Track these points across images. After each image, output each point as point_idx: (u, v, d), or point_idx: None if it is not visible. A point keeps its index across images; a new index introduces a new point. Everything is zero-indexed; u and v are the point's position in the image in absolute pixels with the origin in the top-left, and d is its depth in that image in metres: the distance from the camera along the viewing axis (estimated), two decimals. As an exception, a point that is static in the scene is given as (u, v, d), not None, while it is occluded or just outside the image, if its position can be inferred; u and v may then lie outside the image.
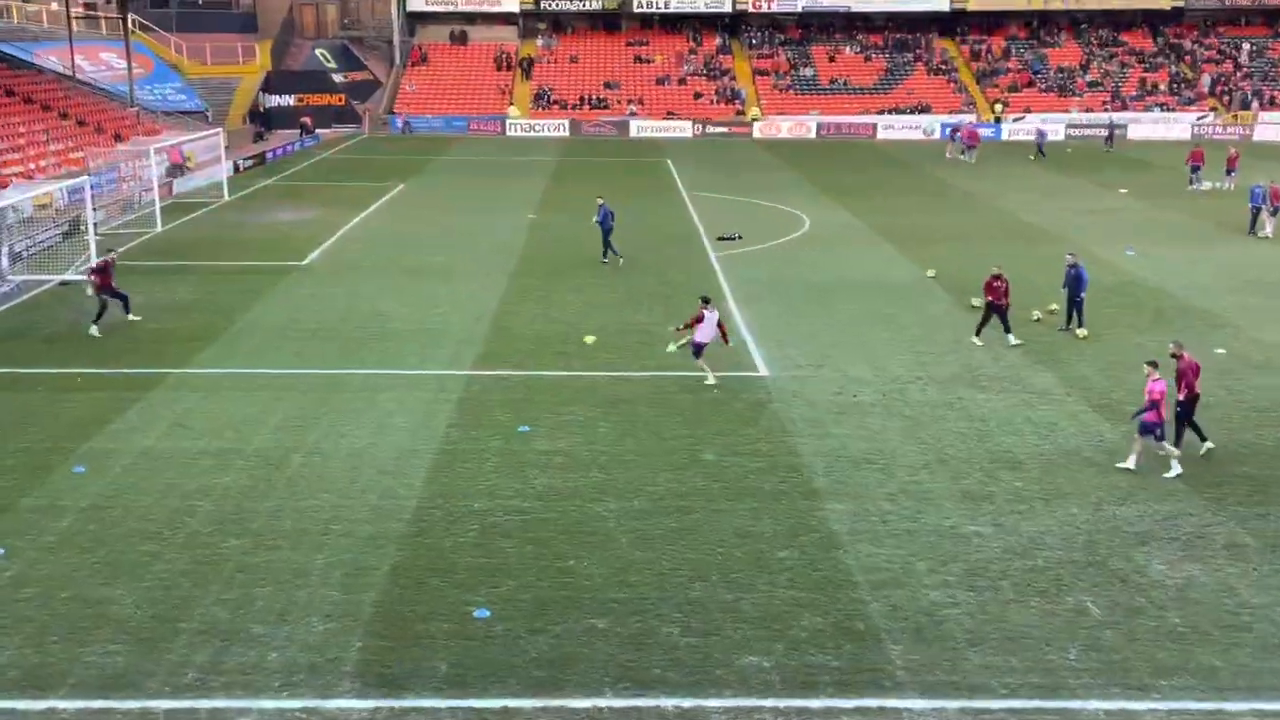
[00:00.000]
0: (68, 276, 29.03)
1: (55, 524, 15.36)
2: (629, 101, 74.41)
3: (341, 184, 49.24)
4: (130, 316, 25.47)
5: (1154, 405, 17.09)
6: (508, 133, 71.58)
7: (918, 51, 79.26)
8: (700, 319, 21.31)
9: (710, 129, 71.37)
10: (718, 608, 13.25)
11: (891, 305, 27.77)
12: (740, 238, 36.08)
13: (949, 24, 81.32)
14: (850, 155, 61.38)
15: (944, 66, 77.90)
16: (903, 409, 20.27)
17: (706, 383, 21.23)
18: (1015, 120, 71.02)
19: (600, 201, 33.17)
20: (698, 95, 75.50)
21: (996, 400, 20.81)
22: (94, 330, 24.47)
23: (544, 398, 20.66)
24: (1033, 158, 59.07)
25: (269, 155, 57.48)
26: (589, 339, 24.01)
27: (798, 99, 75.25)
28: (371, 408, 20.04)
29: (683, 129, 71.61)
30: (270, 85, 71.32)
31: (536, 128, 71.89)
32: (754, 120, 71.90)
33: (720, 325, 21.60)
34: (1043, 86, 75.56)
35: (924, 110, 72.82)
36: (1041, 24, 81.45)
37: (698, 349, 21.46)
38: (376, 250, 34.36)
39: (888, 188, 49.19)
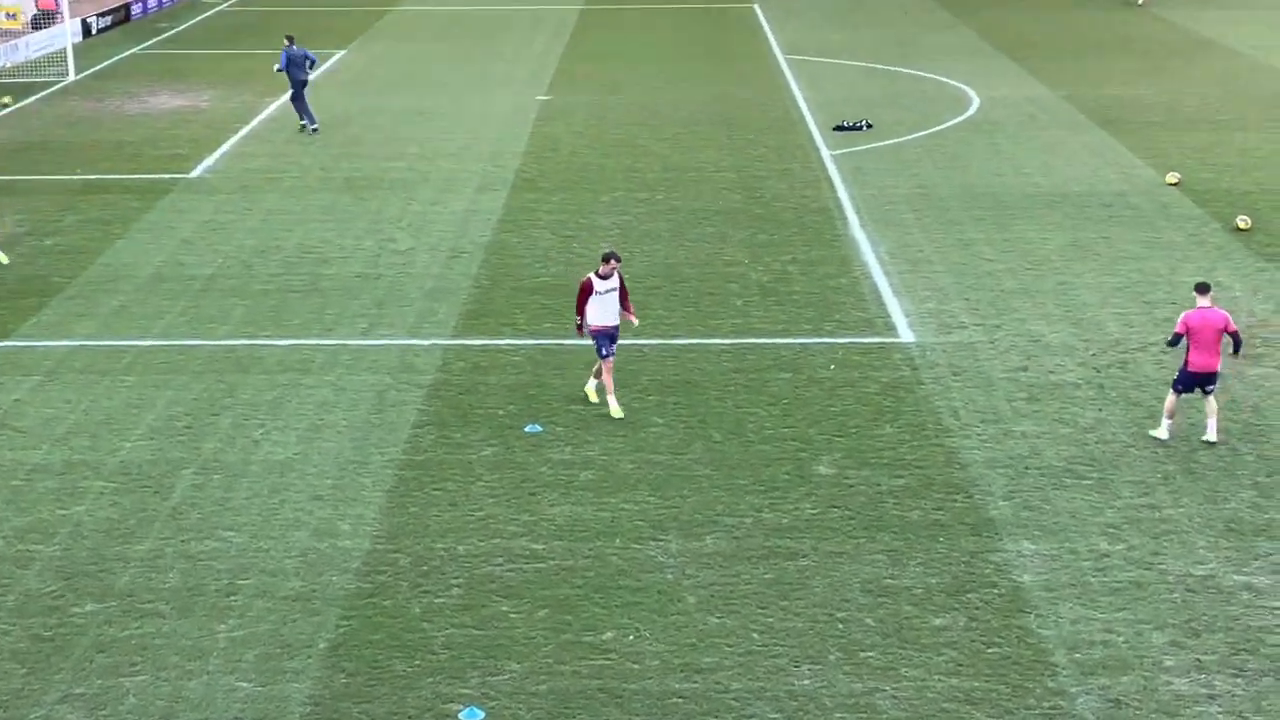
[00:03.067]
0: None
1: None
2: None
3: (247, 53, 49.39)
4: None
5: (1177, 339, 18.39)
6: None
7: None
8: (588, 290, 19.37)
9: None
10: (839, 705, 13.18)
11: (1108, 228, 27.46)
12: (869, 127, 35.90)
13: None
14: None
15: None
16: (1127, 391, 20.03)
17: (612, 412, 19.58)
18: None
19: (287, 42, 35.75)
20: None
21: (1278, 377, 20.55)
22: None
23: (564, 381, 20.69)
24: None
25: (134, 9, 57.89)
26: None
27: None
28: (298, 397, 20.14)
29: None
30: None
31: None
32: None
33: (623, 291, 19.58)
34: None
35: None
36: None
37: (600, 339, 19.42)
38: (302, 154, 34.50)
39: (1092, 42, 48.61)
